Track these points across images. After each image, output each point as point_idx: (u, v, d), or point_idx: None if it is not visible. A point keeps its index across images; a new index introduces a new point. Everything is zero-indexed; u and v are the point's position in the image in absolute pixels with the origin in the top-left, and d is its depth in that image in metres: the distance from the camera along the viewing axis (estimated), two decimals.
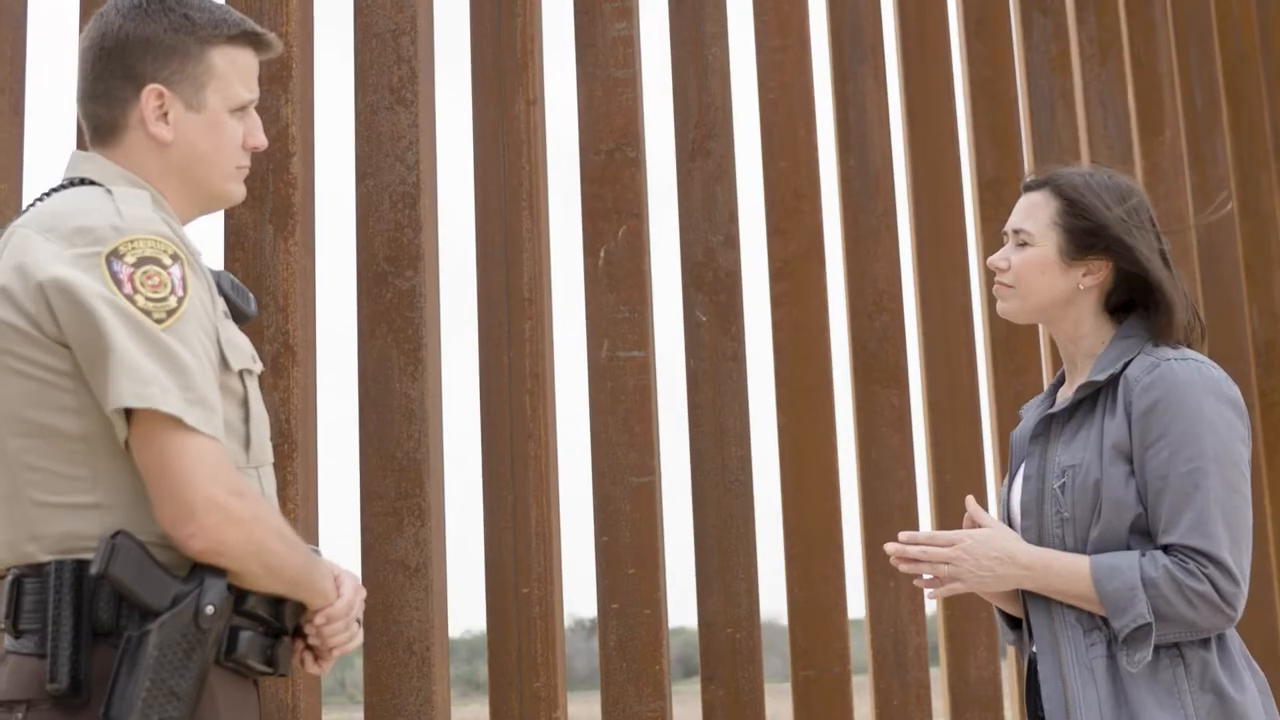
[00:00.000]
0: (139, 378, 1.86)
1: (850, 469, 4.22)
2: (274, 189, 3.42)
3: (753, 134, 4.26)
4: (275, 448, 3.29)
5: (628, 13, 3.96)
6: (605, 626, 3.74)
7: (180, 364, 1.90)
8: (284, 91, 3.45)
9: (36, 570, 1.94)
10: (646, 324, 3.84)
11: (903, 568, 2.52)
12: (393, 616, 3.40)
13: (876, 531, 4.13)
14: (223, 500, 1.89)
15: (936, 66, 4.57)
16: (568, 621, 3.63)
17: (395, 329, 3.50)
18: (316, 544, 3.37)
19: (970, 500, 2.55)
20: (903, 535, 2.52)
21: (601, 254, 3.86)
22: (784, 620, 4.05)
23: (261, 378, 3.27)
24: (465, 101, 3.82)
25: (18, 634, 1.96)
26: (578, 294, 3.88)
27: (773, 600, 4.22)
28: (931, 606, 4.89)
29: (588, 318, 3.84)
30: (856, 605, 4.08)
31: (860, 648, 4.15)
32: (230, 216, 3.41)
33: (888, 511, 4.17)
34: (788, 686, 4.02)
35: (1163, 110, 4.94)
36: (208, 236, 3.47)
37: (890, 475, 4.21)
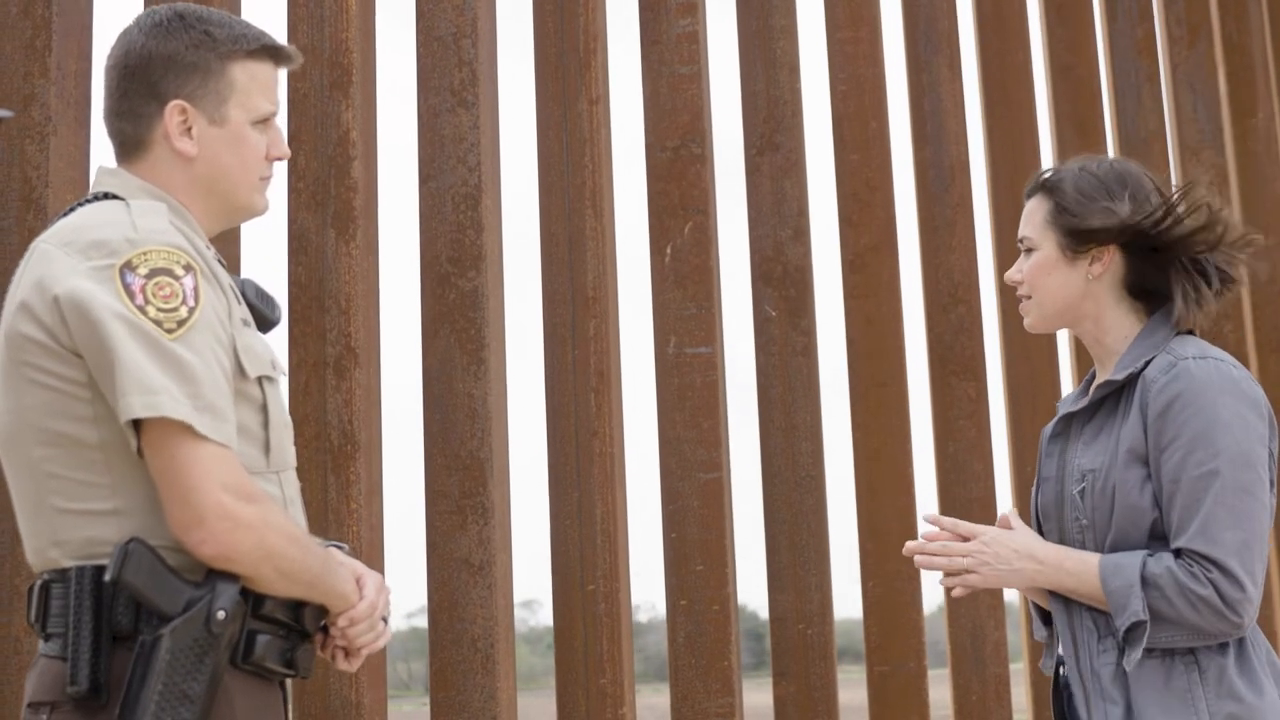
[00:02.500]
0: (147, 388, 1.91)
1: (925, 463, 4.19)
2: (335, 193, 3.47)
3: (822, 127, 4.23)
4: (338, 448, 3.35)
5: (693, 9, 3.96)
6: (674, 622, 3.75)
7: (190, 373, 1.94)
8: (344, 97, 3.50)
9: (61, 575, 2.00)
10: (714, 320, 3.84)
11: (919, 561, 2.50)
12: (457, 614, 3.44)
13: None
14: (232, 506, 1.93)
15: (1015, 53, 4.51)
16: (636, 618, 3.64)
17: (458, 329, 3.53)
18: (381, 542, 3.43)
19: (1011, 511, 2.53)
20: (927, 516, 2.51)
21: (668, 251, 3.87)
22: (848, 614, 4.03)
23: (324, 379, 3.34)
24: (529, 101, 3.85)
25: (46, 637, 2.02)
26: (645, 291, 3.89)
27: (846, 596, 4.20)
28: (1012, 600, 4.84)
29: (654, 314, 3.85)
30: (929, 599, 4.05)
31: (935, 643, 4.12)
32: (293, 221, 3.47)
33: (965, 505, 4.13)
34: (860, 681, 4.00)
35: (1255, 92, 4.83)
36: (270, 241, 3.53)
37: (967, 469, 4.17)
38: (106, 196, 2.12)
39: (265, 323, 2.20)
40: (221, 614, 1.94)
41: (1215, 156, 4.71)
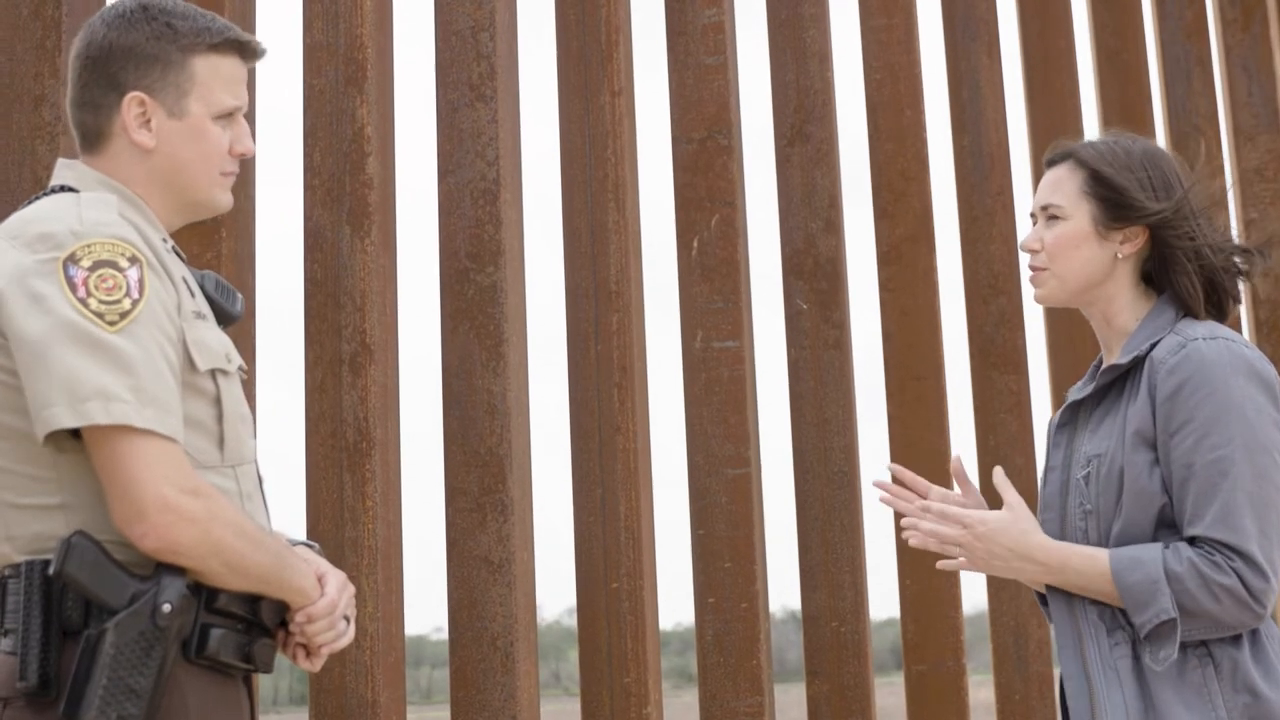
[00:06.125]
0: (76, 395, 1.89)
1: (965, 457, 4.10)
2: (350, 190, 3.45)
3: (855, 117, 4.16)
4: (353, 446, 3.33)
5: None
6: (702, 622, 3.70)
7: (130, 366, 1.92)
8: (359, 93, 3.48)
9: (15, 571, 1.99)
10: (741, 314, 3.78)
11: (912, 541, 2.44)
12: (476, 612, 3.41)
13: None
14: (174, 500, 1.91)
15: (1057, 38, 4.41)
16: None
17: (477, 325, 3.50)
18: (399, 540, 3.41)
19: (998, 472, 2.44)
20: (893, 467, 2.45)
21: (694, 244, 3.81)
22: (895, 614, 3.96)
23: (340, 376, 3.33)
24: (552, 94, 3.81)
25: (4, 633, 2.01)
26: (672, 285, 3.84)
27: (882, 594, 4.12)
28: None
29: (681, 308, 3.80)
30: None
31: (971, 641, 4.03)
32: (308, 218, 3.46)
33: None
34: (896, 682, 3.92)
35: None
36: (286, 238, 3.52)
37: (1009, 463, 4.08)
38: (63, 189, 2.11)
39: (225, 316, 2.18)
40: (167, 607, 1.92)
41: (1271, 141, 4.58)
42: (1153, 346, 2.34)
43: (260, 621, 2.06)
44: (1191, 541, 2.25)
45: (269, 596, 2.06)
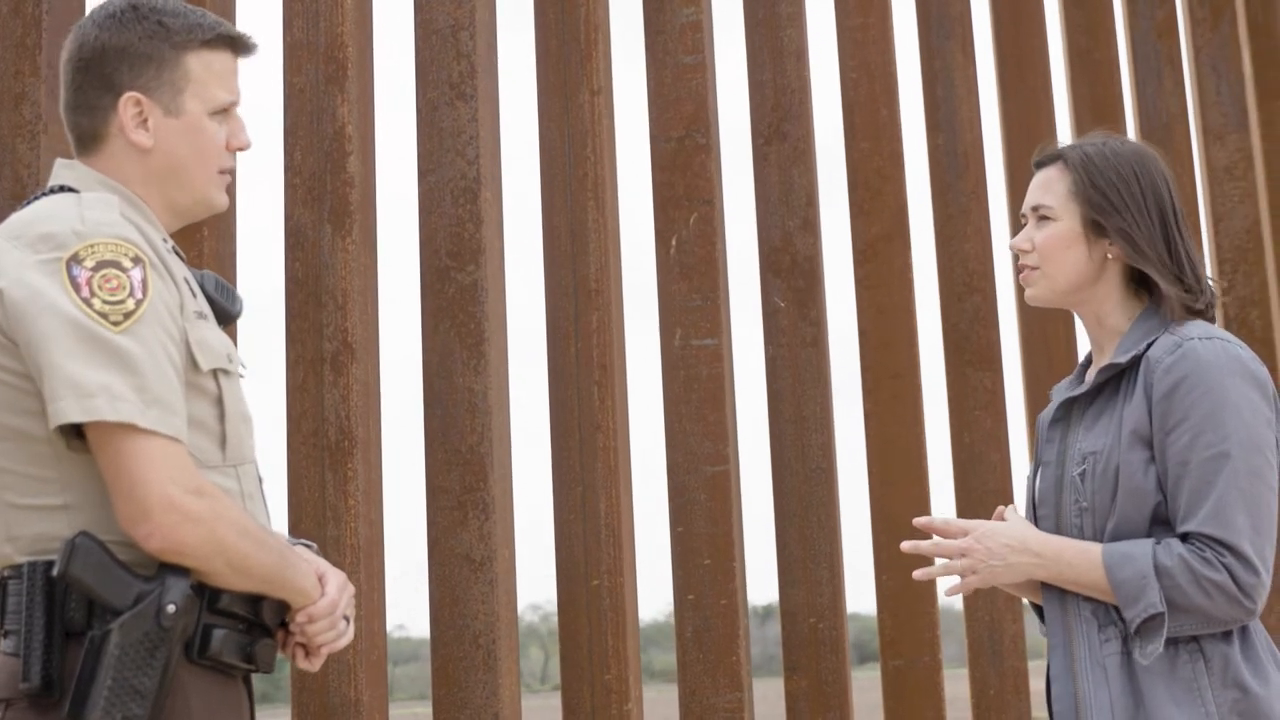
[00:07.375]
0: (82, 390, 1.89)
1: (942, 454, 4.14)
2: (331, 189, 3.45)
3: (831, 116, 4.18)
4: (335, 445, 3.33)
5: None
6: (681, 618, 3.71)
7: (135, 365, 1.92)
8: (340, 92, 3.48)
9: (16, 572, 1.98)
10: (719, 312, 3.79)
11: (917, 574, 2.46)
12: (458, 610, 3.41)
13: (970, 517, 4.01)
14: (179, 499, 1.91)
15: (1030, 37, 4.45)
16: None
17: (458, 323, 3.51)
18: (381, 539, 3.41)
19: (1008, 507, 2.48)
20: (918, 521, 2.45)
21: (673, 242, 3.83)
22: (871, 610, 3.98)
23: (322, 375, 3.33)
24: (531, 93, 3.82)
25: (4, 634, 2.00)
26: (651, 283, 3.85)
27: (860, 590, 4.14)
28: None
29: (660, 307, 3.81)
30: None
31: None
32: (289, 217, 3.46)
33: (981, 496, 4.08)
34: (875, 677, 3.95)
35: None
36: (267, 237, 3.51)
37: (984, 459, 4.12)
38: (63, 189, 2.11)
39: (225, 316, 2.18)
40: (171, 608, 1.92)
41: (1240, 140, 4.62)
42: (1149, 345, 2.37)
43: (262, 622, 2.06)
44: (1184, 538, 2.28)
45: (271, 596, 2.06)
